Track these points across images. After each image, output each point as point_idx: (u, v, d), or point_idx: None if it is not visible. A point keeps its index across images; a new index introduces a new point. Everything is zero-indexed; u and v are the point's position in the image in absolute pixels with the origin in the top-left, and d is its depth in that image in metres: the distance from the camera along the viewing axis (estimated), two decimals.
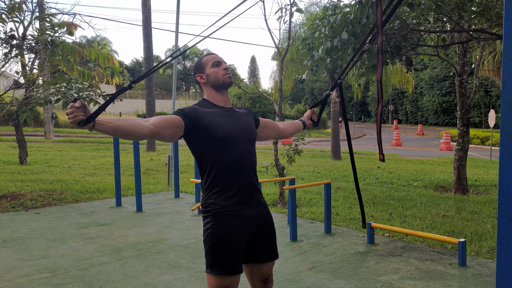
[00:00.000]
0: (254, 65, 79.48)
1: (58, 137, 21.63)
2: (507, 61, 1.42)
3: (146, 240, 4.94)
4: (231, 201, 2.17)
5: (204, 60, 2.30)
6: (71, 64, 5.82)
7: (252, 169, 2.26)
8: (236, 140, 2.20)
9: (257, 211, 2.26)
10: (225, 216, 2.15)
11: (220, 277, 2.13)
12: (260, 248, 2.29)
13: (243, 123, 2.29)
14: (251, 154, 2.27)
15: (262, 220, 2.28)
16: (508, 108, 1.41)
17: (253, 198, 2.26)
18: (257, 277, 2.34)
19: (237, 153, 2.19)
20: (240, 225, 2.17)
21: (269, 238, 2.32)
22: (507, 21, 1.43)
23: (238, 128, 2.24)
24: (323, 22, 6.26)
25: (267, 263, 2.33)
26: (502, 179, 1.43)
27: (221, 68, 2.26)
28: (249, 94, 33.98)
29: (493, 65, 22.83)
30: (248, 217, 2.21)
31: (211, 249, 2.14)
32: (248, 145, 2.26)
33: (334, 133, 16.03)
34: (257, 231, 2.26)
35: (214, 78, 2.25)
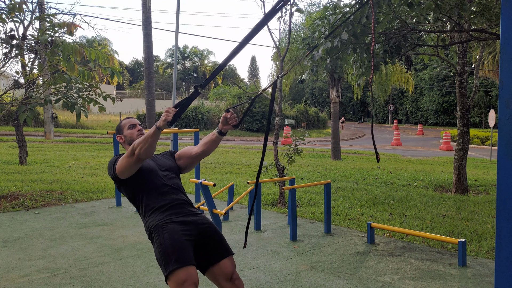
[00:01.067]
0: (254, 65, 79.51)
1: (58, 137, 21.63)
2: (504, 61, 1.42)
3: (146, 240, 4.94)
4: (165, 214, 2.47)
5: (122, 123, 2.71)
6: (72, 64, 5.83)
7: (176, 188, 2.61)
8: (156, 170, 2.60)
9: (193, 218, 2.52)
10: (164, 225, 2.43)
11: (176, 272, 2.25)
12: (210, 248, 2.48)
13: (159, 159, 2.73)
14: (173, 179, 2.64)
15: (201, 224, 2.52)
16: (506, 108, 1.42)
17: (185, 209, 2.54)
18: (222, 278, 2.46)
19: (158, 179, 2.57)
20: (179, 227, 2.42)
21: (216, 238, 2.52)
22: (504, 21, 1.43)
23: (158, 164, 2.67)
24: (323, 22, 6.26)
25: (224, 260, 2.48)
26: (500, 179, 1.44)
27: (136, 129, 2.65)
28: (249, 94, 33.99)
29: (493, 65, 22.84)
30: (185, 221, 2.47)
31: (162, 254, 2.33)
32: (166, 172, 2.64)
33: (334, 133, 16.03)
34: (199, 235, 2.47)
35: (130, 138, 2.63)
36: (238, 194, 7.19)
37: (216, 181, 8.66)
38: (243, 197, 6.71)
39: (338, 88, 15.91)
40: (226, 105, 32.37)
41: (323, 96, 58.21)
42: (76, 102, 6.26)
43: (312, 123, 38.10)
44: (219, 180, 9.12)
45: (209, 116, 33.00)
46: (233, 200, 6.43)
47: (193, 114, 31.94)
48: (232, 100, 32.45)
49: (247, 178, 9.64)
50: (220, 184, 8.37)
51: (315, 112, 40.18)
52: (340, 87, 16.14)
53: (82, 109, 6.33)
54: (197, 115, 32.01)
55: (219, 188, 7.61)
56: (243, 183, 8.78)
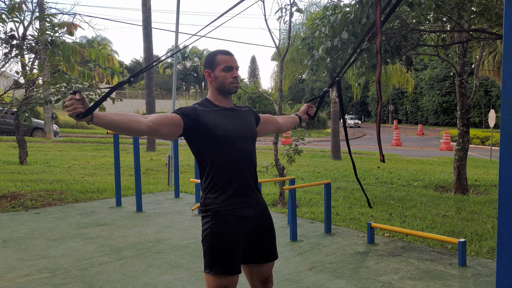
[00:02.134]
0: (254, 65, 79.44)
1: (58, 137, 21.62)
2: (507, 61, 1.42)
3: (146, 240, 4.94)
4: (230, 201, 2.17)
5: (218, 59, 2.24)
6: (72, 64, 5.82)
7: (251, 169, 2.26)
8: (235, 139, 2.19)
9: (256, 211, 2.26)
10: (223, 216, 2.15)
11: (219, 277, 2.12)
12: (260, 248, 2.28)
13: (244, 123, 2.29)
14: (251, 154, 2.26)
15: (261, 220, 2.28)
16: (508, 108, 1.41)
17: (252, 199, 2.25)
18: (257, 278, 2.34)
19: (237, 153, 2.19)
20: (238, 224, 2.17)
21: (269, 238, 2.31)
22: (507, 21, 1.43)
23: (238, 128, 2.24)
24: (323, 22, 6.26)
25: (267, 264, 2.32)
26: (502, 179, 1.43)
27: (231, 74, 2.23)
28: (249, 94, 33.99)
29: (493, 65, 22.83)
30: (247, 217, 2.21)
31: (209, 249, 2.14)
32: (248, 144, 2.25)
33: (334, 133, 16.03)
34: (256, 231, 2.25)
35: (221, 82, 2.23)
36: None
37: None
38: None
39: None
40: None
41: None
42: None
43: (312, 123, 38.11)
44: None
45: None
46: None
47: None
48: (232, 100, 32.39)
49: None
50: None
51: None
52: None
53: None
54: None
55: None
56: None
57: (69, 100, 1.82)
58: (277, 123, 2.62)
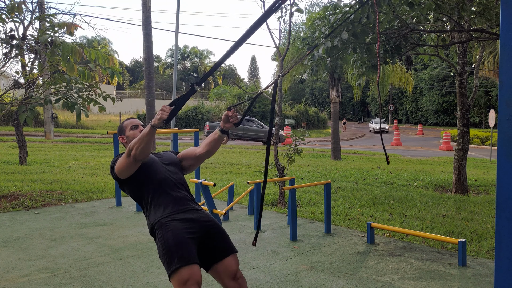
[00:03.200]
0: (254, 65, 79.52)
1: (58, 137, 21.63)
2: (504, 61, 1.42)
3: (146, 240, 4.94)
4: (168, 211, 2.45)
5: (124, 124, 2.68)
6: (71, 64, 5.82)
7: (180, 184, 2.58)
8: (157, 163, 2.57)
9: (196, 215, 2.49)
10: (167, 222, 2.40)
11: (179, 271, 2.24)
12: (215, 246, 2.45)
13: (163, 155, 2.72)
14: (177, 174, 2.62)
15: (205, 221, 2.49)
16: (506, 108, 1.42)
17: (188, 206, 2.51)
18: (226, 276, 2.44)
19: (161, 175, 2.53)
20: (182, 225, 2.39)
21: (219, 236, 2.49)
22: (504, 21, 1.43)
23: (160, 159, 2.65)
24: (323, 22, 6.26)
25: (227, 258, 2.45)
26: (500, 179, 1.44)
27: (138, 130, 2.61)
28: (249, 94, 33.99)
29: (493, 65, 22.83)
30: (188, 219, 2.44)
31: (165, 252, 2.32)
32: (172, 168, 2.62)
33: (334, 133, 16.03)
34: (204, 233, 2.44)
35: (132, 139, 2.57)
36: (238, 194, 7.19)
37: (216, 181, 8.66)
38: (243, 197, 6.71)
39: (338, 88, 15.91)
40: (226, 105, 32.38)
41: (323, 96, 58.22)
42: (76, 102, 6.26)
43: (312, 123, 38.13)
44: (219, 180, 9.12)
45: (209, 116, 32.98)
46: (233, 200, 6.43)
47: (193, 114, 31.94)
48: (232, 100, 32.46)
49: (247, 178, 9.63)
50: (220, 184, 8.36)
51: (315, 112, 40.23)
52: (340, 87, 16.15)
53: (82, 109, 6.33)
54: (197, 115, 32.01)
55: (219, 188, 7.61)
56: (243, 183, 8.78)
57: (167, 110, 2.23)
58: (194, 154, 2.72)
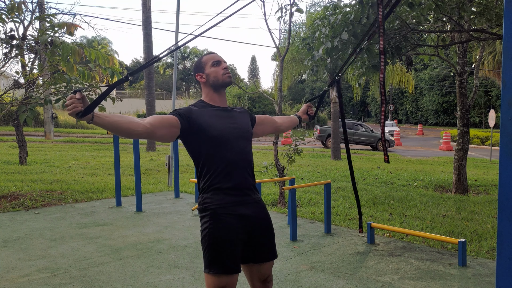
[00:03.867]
0: (254, 65, 79.47)
1: (58, 137, 21.63)
2: (507, 61, 1.42)
3: (146, 240, 4.94)
4: (227, 200, 2.17)
5: (204, 59, 2.31)
6: (71, 64, 5.82)
7: (247, 168, 2.26)
8: (230, 139, 2.21)
9: (254, 210, 2.26)
10: (222, 215, 2.15)
11: (218, 276, 2.12)
12: (259, 248, 2.28)
13: (238, 122, 2.30)
14: (247, 153, 2.27)
15: (260, 219, 2.28)
16: (508, 108, 1.41)
17: (249, 197, 2.26)
18: (257, 277, 2.34)
19: (232, 153, 2.20)
20: (237, 224, 2.17)
21: (268, 237, 2.31)
22: (507, 21, 1.43)
23: (233, 127, 2.25)
24: (323, 22, 6.26)
25: (266, 263, 2.32)
26: (502, 179, 1.43)
27: (221, 67, 2.27)
28: (249, 94, 33.98)
29: (493, 65, 22.83)
30: (245, 216, 2.21)
31: (208, 249, 2.14)
32: (243, 144, 2.26)
33: (334, 133, 16.03)
34: (255, 230, 2.25)
35: (214, 77, 2.25)
36: None
37: None
38: None
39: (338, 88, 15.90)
40: None
41: None
42: None
43: (312, 123, 38.09)
44: None
45: None
46: None
47: None
48: (232, 100, 32.41)
49: None
50: None
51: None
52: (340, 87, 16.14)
53: None
54: None
55: None
56: None
57: (70, 99, 1.83)
58: (274, 123, 2.62)
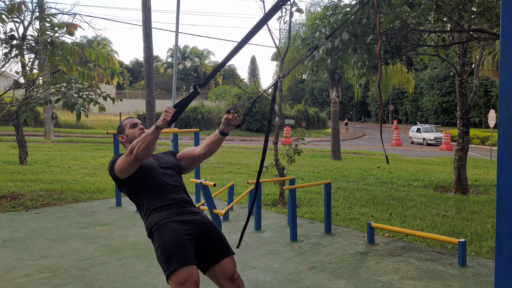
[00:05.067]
0: (254, 65, 79.51)
1: (58, 137, 21.63)
2: (504, 61, 1.42)
3: (146, 240, 4.94)
4: (166, 214, 2.46)
5: (124, 123, 2.71)
6: (70, 64, 5.82)
7: (179, 188, 2.60)
8: (157, 168, 2.60)
9: (194, 217, 2.51)
10: (164, 224, 2.41)
11: (177, 272, 2.26)
12: (211, 249, 2.48)
13: (162, 159, 2.71)
14: (176, 178, 2.64)
15: (203, 223, 2.50)
16: (506, 108, 1.42)
17: (186, 209, 2.53)
18: (223, 278, 2.47)
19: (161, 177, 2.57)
20: (180, 227, 2.41)
21: (217, 237, 2.52)
22: (504, 21, 1.43)
23: (157, 162, 2.66)
24: (323, 22, 6.26)
25: (224, 260, 2.48)
26: (500, 179, 1.44)
27: (137, 128, 2.65)
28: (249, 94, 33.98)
29: (492, 65, 22.85)
30: (186, 221, 2.46)
31: (163, 254, 2.33)
32: (170, 172, 2.64)
33: (334, 133, 16.03)
34: (202, 234, 2.47)
35: (132, 137, 2.62)
36: (238, 194, 7.19)
37: (216, 181, 8.66)
38: (243, 197, 6.71)
39: (338, 88, 15.92)
40: (226, 105, 32.36)
41: (323, 96, 58.20)
42: (76, 102, 6.26)
43: (312, 123, 38.11)
44: (219, 180, 9.12)
45: (209, 116, 32.99)
46: (233, 200, 6.43)
47: (193, 114, 31.94)
48: (232, 100, 32.42)
49: (247, 178, 9.63)
50: (220, 184, 8.37)
51: (315, 112, 40.22)
52: (340, 87, 16.15)
53: (82, 109, 6.33)
54: (197, 115, 32.01)
55: (219, 188, 7.61)
56: (243, 183, 8.78)
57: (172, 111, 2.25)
58: (193, 155, 2.73)
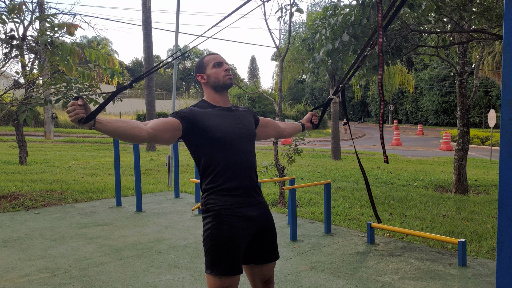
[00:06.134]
0: (254, 65, 79.52)
1: (58, 137, 21.62)
2: (507, 61, 1.42)
3: (146, 240, 4.94)
4: (232, 201, 2.16)
5: (206, 60, 2.29)
6: (70, 65, 5.82)
7: (251, 169, 2.25)
8: (234, 140, 2.19)
9: (257, 212, 2.24)
10: (225, 216, 2.13)
11: (220, 277, 2.11)
12: (261, 249, 2.27)
13: (242, 123, 2.28)
14: (250, 154, 2.25)
15: (263, 220, 2.26)
16: (508, 108, 1.41)
17: (253, 198, 2.24)
18: (258, 279, 2.33)
19: (236, 154, 2.18)
20: (240, 225, 2.16)
21: (270, 238, 2.30)
22: (508, 22, 1.43)
23: (237, 128, 2.23)
24: (323, 23, 6.26)
25: (268, 264, 2.31)
26: (502, 179, 1.43)
27: (222, 69, 2.25)
28: (249, 94, 33.98)
29: (493, 65, 22.85)
30: (248, 217, 2.20)
31: (211, 250, 2.13)
32: (247, 145, 2.24)
33: (334, 133, 16.02)
34: (257, 232, 2.24)
35: (215, 78, 2.24)
36: None
37: None
38: None
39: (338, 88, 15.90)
40: None
41: (323, 96, 58.21)
42: None
43: None
44: None
45: None
46: None
47: None
48: (232, 100, 32.40)
49: None
50: None
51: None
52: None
53: None
54: None
55: None
56: None
57: (71, 105, 1.79)
58: (278, 128, 2.59)
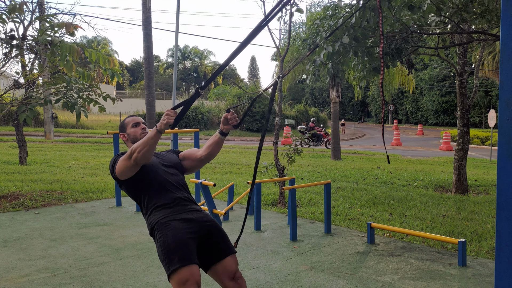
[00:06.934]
0: (254, 65, 79.49)
1: (58, 137, 21.62)
2: (504, 61, 1.42)
3: (146, 240, 4.94)
4: (168, 212, 2.46)
5: (126, 121, 2.69)
6: (70, 64, 5.83)
7: (181, 186, 2.60)
8: (159, 166, 2.58)
9: (196, 215, 2.50)
10: (166, 222, 2.40)
11: (178, 271, 2.25)
12: (214, 247, 2.47)
13: (165, 157, 2.69)
14: (178, 176, 2.63)
15: (205, 222, 2.50)
16: (506, 108, 1.42)
17: (188, 206, 2.53)
18: (225, 277, 2.46)
19: (162, 175, 2.55)
20: (182, 225, 2.40)
21: (219, 236, 2.51)
22: (504, 23, 1.43)
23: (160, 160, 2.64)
24: (323, 24, 6.26)
25: (227, 258, 2.47)
26: (501, 179, 1.44)
27: (139, 128, 2.63)
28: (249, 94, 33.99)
29: (492, 65, 22.85)
30: (188, 219, 2.45)
31: (164, 252, 2.32)
32: (172, 170, 2.62)
33: (334, 133, 16.03)
34: (204, 233, 2.46)
35: (133, 136, 2.62)
36: (238, 194, 7.19)
37: (216, 181, 8.66)
38: (243, 197, 6.71)
39: (338, 88, 15.91)
40: (226, 105, 32.36)
41: (323, 96, 58.20)
42: (76, 102, 6.26)
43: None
44: (219, 180, 9.12)
45: (209, 116, 32.99)
46: (233, 200, 6.43)
47: (193, 114, 31.95)
48: (232, 100, 32.43)
49: (247, 178, 9.64)
50: (220, 184, 8.37)
51: (315, 112, 40.21)
52: (340, 87, 16.14)
53: (82, 109, 6.33)
54: (197, 115, 32.02)
55: (219, 188, 7.61)
56: (243, 183, 8.78)
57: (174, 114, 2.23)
58: (195, 156, 2.72)
